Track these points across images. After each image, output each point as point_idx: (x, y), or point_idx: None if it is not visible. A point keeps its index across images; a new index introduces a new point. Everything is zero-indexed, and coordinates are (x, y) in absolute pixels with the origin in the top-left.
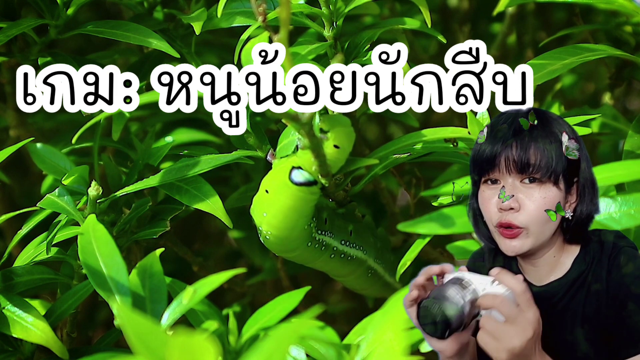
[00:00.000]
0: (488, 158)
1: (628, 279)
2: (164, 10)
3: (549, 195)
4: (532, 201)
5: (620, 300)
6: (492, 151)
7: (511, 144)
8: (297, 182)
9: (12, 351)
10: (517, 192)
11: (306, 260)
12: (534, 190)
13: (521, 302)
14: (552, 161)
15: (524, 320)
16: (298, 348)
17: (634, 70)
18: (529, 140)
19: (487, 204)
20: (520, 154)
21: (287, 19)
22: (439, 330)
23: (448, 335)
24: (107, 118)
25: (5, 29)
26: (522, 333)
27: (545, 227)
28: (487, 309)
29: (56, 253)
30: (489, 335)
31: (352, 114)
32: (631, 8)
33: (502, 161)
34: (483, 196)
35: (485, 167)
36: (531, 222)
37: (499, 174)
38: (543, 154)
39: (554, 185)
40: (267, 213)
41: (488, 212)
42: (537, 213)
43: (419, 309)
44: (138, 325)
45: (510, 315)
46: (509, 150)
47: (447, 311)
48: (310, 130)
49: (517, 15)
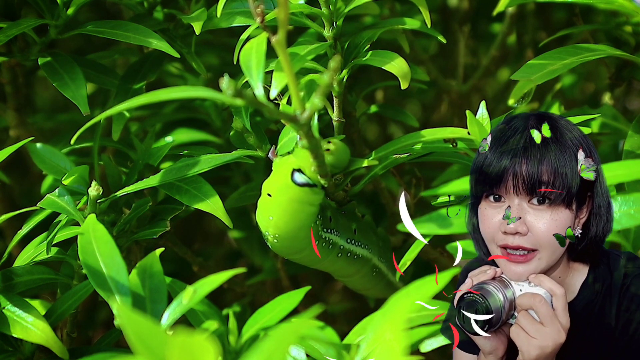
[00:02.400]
0: (494, 173)
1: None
2: (164, 10)
3: (560, 217)
4: (542, 223)
5: (630, 332)
6: (498, 166)
7: (521, 159)
8: (300, 183)
9: (12, 351)
10: (524, 214)
11: (313, 261)
12: (544, 212)
13: (557, 306)
14: (566, 182)
15: (558, 324)
16: (298, 348)
17: (634, 70)
18: (542, 156)
19: (489, 222)
20: (531, 172)
21: (285, 20)
22: (479, 324)
23: (488, 328)
24: (107, 118)
25: (5, 29)
26: (556, 335)
27: (556, 252)
28: (526, 308)
29: (56, 253)
30: (523, 331)
31: (352, 114)
32: (631, 8)
33: (509, 179)
34: (484, 214)
35: (490, 183)
36: (542, 244)
37: (504, 192)
38: (557, 172)
39: (566, 208)
40: (273, 216)
41: (489, 232)
42: (547, 236)
43: (460, 302)
44: (138, 325)
45: (547, 317)
46: (518, 167)
47: (488, 306)
48: (308, 130)
49: (517, 15)
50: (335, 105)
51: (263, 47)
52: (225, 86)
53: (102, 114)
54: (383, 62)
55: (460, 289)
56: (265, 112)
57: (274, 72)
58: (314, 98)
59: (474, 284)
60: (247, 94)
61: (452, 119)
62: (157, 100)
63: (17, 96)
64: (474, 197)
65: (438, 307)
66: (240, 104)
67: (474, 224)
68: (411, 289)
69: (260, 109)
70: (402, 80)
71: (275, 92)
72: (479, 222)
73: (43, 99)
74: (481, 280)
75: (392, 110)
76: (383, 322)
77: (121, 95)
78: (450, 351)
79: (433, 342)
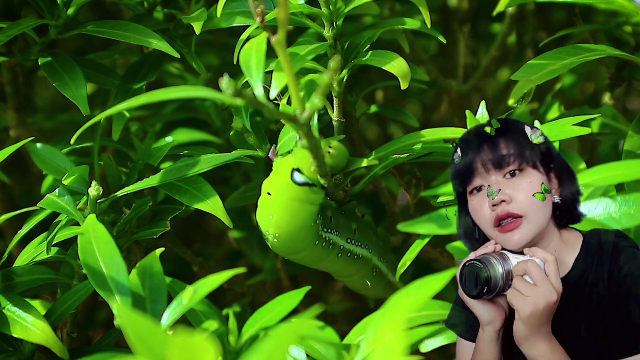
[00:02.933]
0: (465, 167)
1: (629, 279)
2: (164, 10)
3: (533, 179)
4: (520, 190)
5: (621, 300)
6: (467, 160)
7: (482, 147)
8: (299, 182)
9: (12, 351)
10: (503, 186)
11: (314, 260)
12: (519, 180)
13: (549, 271)
14: (523, 147)
15: (550, 285)
16: (298, 348)
17: (634, 70)
18: (497, 138)
19: (479, 209)
20: (492, 151)
21: (285, 20)
22: (479, 286)
23: (486, 291)
24: (107, 118)
25: (5, 29)
26: (548, 295)
27: (541, 211)
28: (521, 274)
29: (56, 253)
30: (518, 292)
31: (352, 114)
32: (631, 8)
33: (478, 165)
34: (473, 206)
35: (465, 175)
36: (527, 209)
37: (481, 179)
38: (512, 143)
39: (535, 169)
40: (274, 215)
41: (482, 217)
42: (529, 199)
43: (463, 268)
44: (138, 325)
45: (539, 278)
46: (482, 153)
47: (488, 272)
48: (308, 130)
49: (517, 15)
50: (335, 105)
51: (263, 47)
52: (225, 86)
53: (102, 113)
54: (383, 62)
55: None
56: (265, 111)
57: (273, 72)
58: (314, 98)
59: (477, 256)
60: (247, 93)
61: (452, 119)
62: (157, 100)
63: (17, 96)
64: (460, 199)
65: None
66: (240, 103)
67: (469, 222)
68: (411, 289)
69: (260, 109)
70: (402, 80)
71: (275, 92)
72: (472, 217)
73: (43, 99)
74: (482, 252)
75: (392, 110)
76: (383, 322)
77: (121, 95)
78: (451, 351)
79: (433, 342)
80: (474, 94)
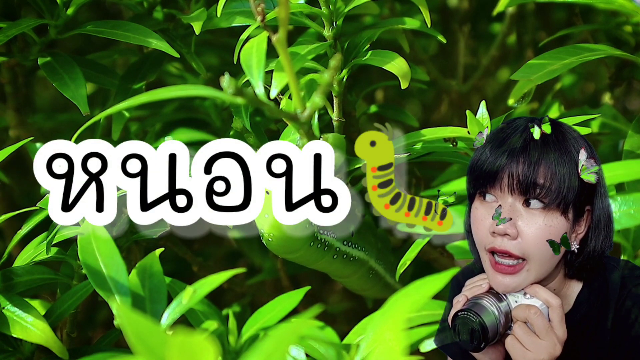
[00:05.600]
0: (489, 171)
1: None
2: (164, 10)
3: (554, 224)
4: (533, 229)
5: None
6: (494, 164)
7: (518, 158)
8: None
9: (12, 351)
10: (516, 216)
11: (309, 261)
12: (537, 217)
13: (554, 317)
14: (564, 185)
15: (554, 337)
16: (298, 348)
17: (634, 70)
18: (540, 156)
19: (479, 224)
20: (527, 171)
21: (286, 18)
22: (475, 340)
23: (484, 345)
24: (107, 118)
25: (5, 29)
26: (551, 348)
27: (548, 261)
28: (522, 320)
29: (56, 253)
30: (519, 343)
31: (352, 114)
32: (631, 8)
33: (505, 177)
34: (475, 214)
35: (484, 181)
36: (532, 253)
37: (498, 192)
38: (555, 174)
39: (562, 215)
40: (269, 214)
41: (479, 234)
42: (538, 243)
43: (455, 319)
44: (138, 325)
45: (543, 331)
46: (515, 166)
47: (483, 323)
48: (309, 129)
49: (517, 15)
50: (335, 105)
51: (263, 46)
52: (226, 85)
53: (101, 113)
54: (383, 61)
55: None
56: (266, 110)
57: (274, 71)
58: (315, 97)
59: (468, 299)
60: (247, 92)
61: (452, 119)
62: (157, 99)
63: (17, 96)
64: (469, 195)
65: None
66: (241, 102)
67: (467, 224)
68: (411, 289)
69: (261, 108)
70: (402, 80)
71: (276, 91)
72: (470, 222)
73: (43, 99)
74: (475, 294)
75: (392, 110)
76: (383, 322)
77: (121, 95)
78: None
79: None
80: (474, 94)
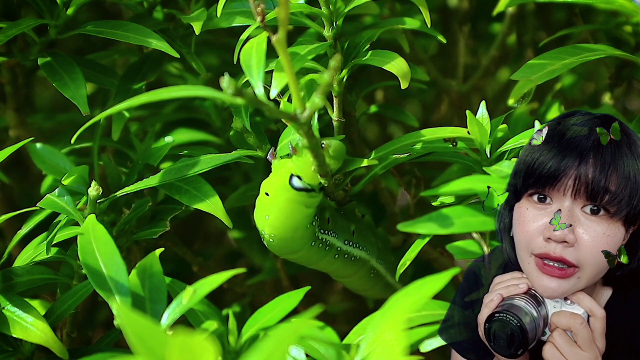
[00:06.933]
0: (552, 171)
1: None
2: (164, 10)
3: (613, 234)
4: (592, 236)
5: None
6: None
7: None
8: (297, 188)
9: (12, 351)
10: (575, 222)
11: (310, 261)
12: (598, 225)
13: (596, 329)
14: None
15: (596, 349)
16: (298, 348)
17: (634, 70)
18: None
19: (528, 225)
20: (599, 176)
21: (286, 19)
22: (514, 345)
23: (522, 352)
24: (107, 118)
25: (5, 29)
26: None
27: (600, 273)
28: (563, 327)
29: (56, 253)
30: (559, 352)
31: (352, 114)
32: (631, 8)
33: (570, 180)
34: (524, 214)
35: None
36: (587, 262)
37: (557, 194)
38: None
39: (623, 225)
40: (270, 215)
41: (526, 236)
42: (595, 253)
43: (491, 322)
44: (138, 325)
45: (586, 341)
46: (584, 168)
47: (524, 324)
48: (309, 130)
49: (517, 15)
50: (335, 105)
51: (263, 46)
52: (225, 85)
53: (101, 113)
54: (383, 62)
55: (488, 306)
56: (265, 111)
57: (274, 71)
58: (315, 97)
59: (504, 300)
60: (247, 92)
61: (452, 119)
62: (157, 99)
63: (17, 96)
64: (513, 194)
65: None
66: (240, 102)
67: (506, 223)
68: (411, 289)
69: (261, 108)
70: (402, 80)
71: (276, 91)
72: (513, 222)
73: (43, 99)
74: (511, 294)
75: (392, 110)
76: (383, 322)
77: (121, 95)
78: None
79: (433, 342)
80: (474, 94)
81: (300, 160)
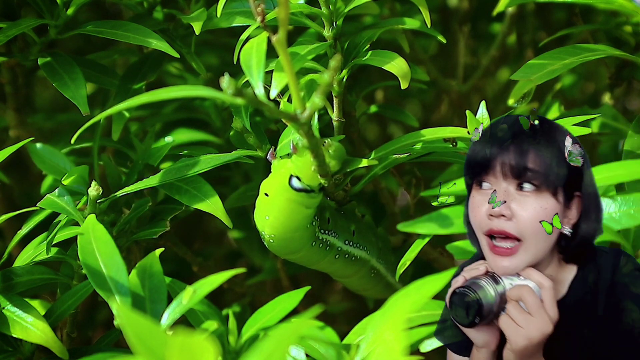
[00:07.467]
0: (483, 160)
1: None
2: (164, 10)
3: (546, 205)
4: (527, 209)
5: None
6: (487, 153)
7: (509, 146)
8: (297, 188)
9: (12, 351)
10: (510, 199)
11: (310, 261)
12: (530, 199)
13: (545, 298)
14: (552, 168)
15: (546, 315)
16: (298, 348)
17: (634, 70)
18: (529, 143)
19: (477, 210)
20: (518, 158)
21: (286, 19)
22: (471, 315)
23: (479, 321)
24: (107, 118)
25: (5, 29)
26: (543, 327)
27: (543, 242)
28: (515, 299)
29: (56, 253)
30: (512, 320)
31: (352, 114)
32: (631, 8)
33: (497, 164)
34: (473, 202)
35: (479, 169)
36: (527, 233)
37: (492, 178)
38: (543, 159)
39: (552, 196)
40: (269, 216)
41: (477, 219)
42: (532, 224)
43: (452, 296)
44: (138, 325)
45: (534, 308)
46: (506, 154)
47: (479, 299)
48: (309, 130)
49: (517, 15)
50: (335, 105)
51: (263, 46)
52: (225, 85)
53: (101, 113)
54: (383, 62)
55: (453, 286)
56: (265, 111)
57: (274, 71)
58: (315, 97)
59: (467, 280)
60: (247, 92)
61: (452, 119)
62: (157, 99)
63: (17, 96)
64: (467, 187)
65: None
66: (240, 102)
67: (466, 215)
68: (411, 289)
69: (261, 108)
70: (402, 80)
71: (276, 91)
72: (468, 211)
73: (43, 99)
74: (473, 276)
75: (392, 110)
76: (383, 322)
77: (121, 95)
78: None
79: (433, 342)
80: (474, 94)
81: (300, 161)
